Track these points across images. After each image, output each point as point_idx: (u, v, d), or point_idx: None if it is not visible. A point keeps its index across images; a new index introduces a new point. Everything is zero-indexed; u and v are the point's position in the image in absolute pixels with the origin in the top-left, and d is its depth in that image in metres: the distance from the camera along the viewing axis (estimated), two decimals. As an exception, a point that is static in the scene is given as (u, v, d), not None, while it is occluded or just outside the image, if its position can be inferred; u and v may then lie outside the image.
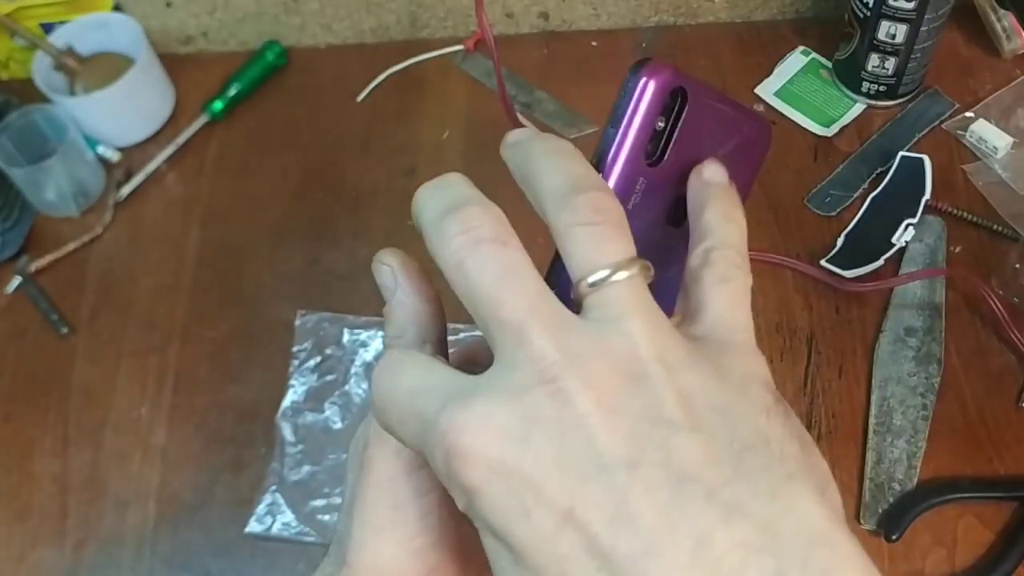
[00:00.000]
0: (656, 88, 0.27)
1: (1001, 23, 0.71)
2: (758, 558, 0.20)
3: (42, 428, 0.62)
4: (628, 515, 0.20)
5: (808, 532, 0.21)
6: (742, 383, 0.24)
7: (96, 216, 0.71)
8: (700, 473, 0.21)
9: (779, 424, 0.23)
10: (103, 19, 0.74)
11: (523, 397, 0.22)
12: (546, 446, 0.21)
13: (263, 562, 0.56)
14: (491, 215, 0.24)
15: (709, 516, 0.20)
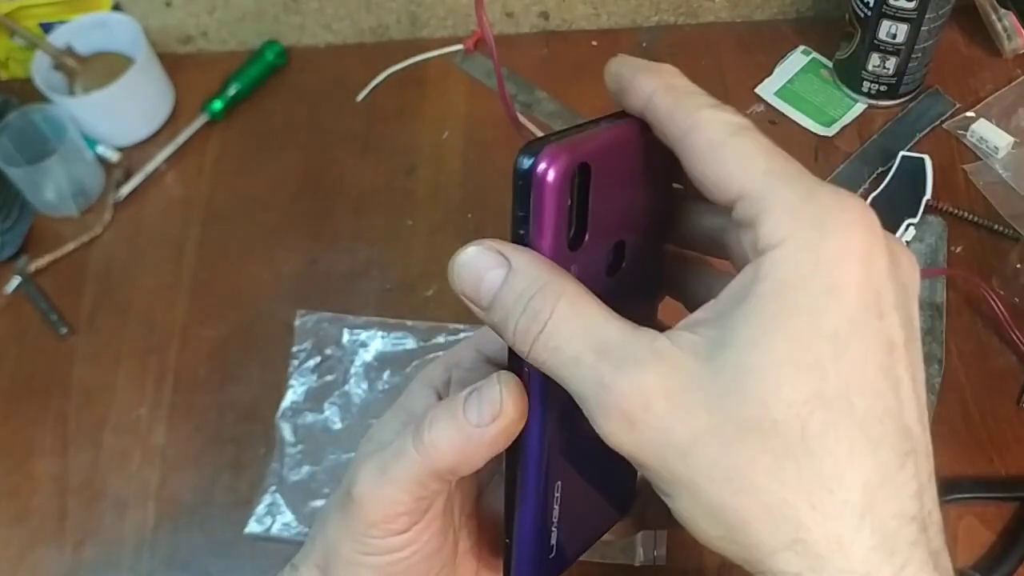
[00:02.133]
0: (557, 179, 0.24)
1: (1002, 23, 0.71)
2: None
3: (41, 428, 0.62)
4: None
5: None
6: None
7: (95, 216, 0.71)
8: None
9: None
10: (102, 19, 0.74)
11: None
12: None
13: (263, 562, 0.56)
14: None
15: None
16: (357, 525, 0.30)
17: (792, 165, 0.25)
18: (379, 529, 0.30)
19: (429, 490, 0.29)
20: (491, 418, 0.27)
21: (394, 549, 0.30)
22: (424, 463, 0.29)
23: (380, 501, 0.29)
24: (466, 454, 0.28)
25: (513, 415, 0.27)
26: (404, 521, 0.30)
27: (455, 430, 0.28)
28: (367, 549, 0.30)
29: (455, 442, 0.28)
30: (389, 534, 0.30)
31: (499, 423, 0.27)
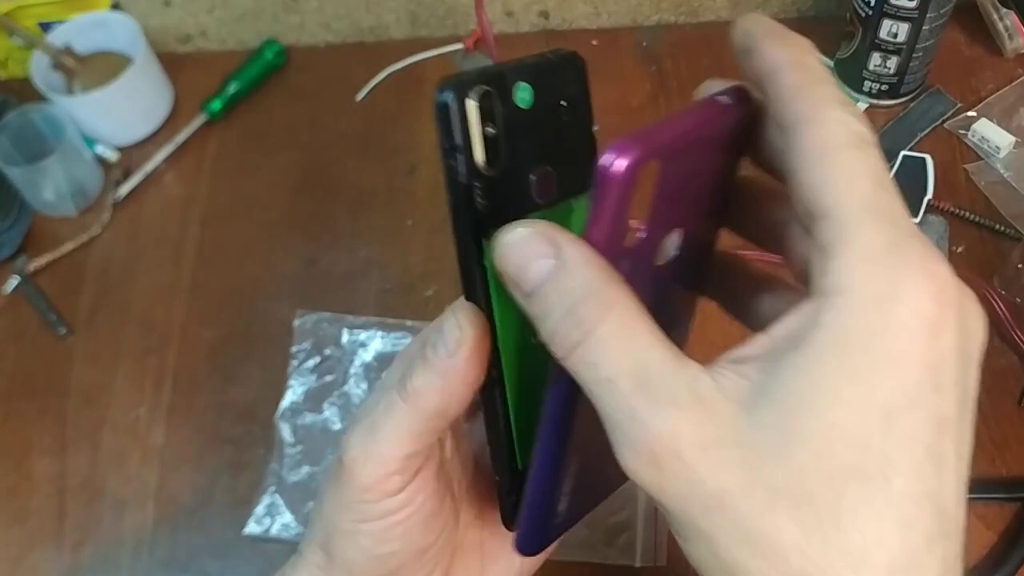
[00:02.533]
0: (625, 176, 0.24)
1: (1003, 22, 0.71)
2: None
3: (40, 429, 0.62)
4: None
5: None
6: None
7: (94, 216, 0.71)
8: None
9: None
10: (101, 18, 0.74)
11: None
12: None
13: (262, 563, 0.56)
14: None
15: None
16: (351, 492, 0.30)
17: (894, 203, 0.23)
18: (373, 492, 0.30)
19: (420, 442, 0.30)
20: (456, 345, 0.28)
21: (389, 512, 0.31)
22: (411, 411, 0.29)
23: (371, 461, 0.30)
24: (447, 391, 0.28)
25: (474, 335, 0.28)
26: (396, 481, 0.30)
27: (431, 370, 0.29)
28: (363, 515, 0.31)
29: (434, 381, 0.28)
30: (383, 496, 0.30)
31: (464, 348, 0.28)
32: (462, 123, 0.28)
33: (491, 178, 0.28)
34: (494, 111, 0.28)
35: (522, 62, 0.29)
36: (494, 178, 0.28)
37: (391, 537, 0.31)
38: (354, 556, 0.32)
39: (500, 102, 0.28)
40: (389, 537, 0.31)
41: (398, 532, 0.31)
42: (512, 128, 0.29)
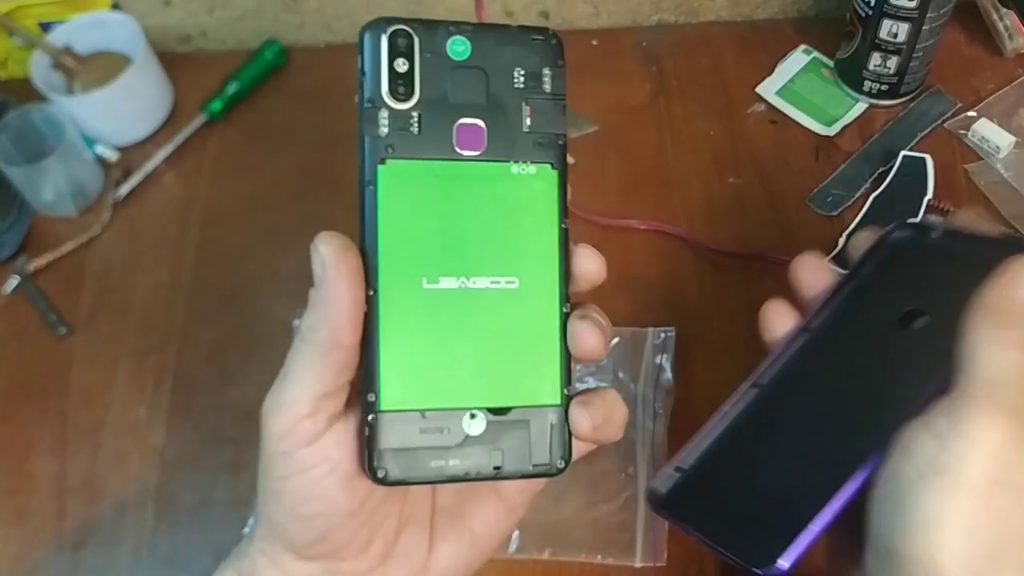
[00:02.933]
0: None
1: (1003, 22, 0.71)
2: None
3: (40, 429, 0.62)
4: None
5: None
6: None
7: (94, 216, 0.71)
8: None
9: None
10: (101, 18, 0.74)
11: None
12: None
13: (262, 564, 0.56)
14: None
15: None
16: (269, 444, 0.31)
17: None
18: (287, 439, 0.31)
19: (326, 380, 0.31)
20: (321, 270, 0.30)
21: (307, 466, 0.31)
22: (309, 349, 0.31)
23: (282, 407, 0.31)
24: (331, 317, 0.30)
25: (333, 255, 0.30)
26: (308, 426, 0.31)
27: (312, 305, 0.31)
28: (282, 471, 0.31)
29: (317, 313, 0.31)
30: (298, 444, 0.31)
31: (329, 270, 0.30)
32: (372, 52, 0.31)
33: (399, 111, 0.31)
34: (411, 51, 0.31)
35: (478, 24, 0.32)
36: (402, 112, 0.31)
37: (312, 495, 0.31)
38: (282, 518, 0.32)
39: (424, 45, 0.31)
40: (310, 495, 0.31)
41: (319, 490, 0.31)
42: (434, 73, 0.31)
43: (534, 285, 0.32)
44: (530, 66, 0.32)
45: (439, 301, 0.31)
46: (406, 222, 0.31)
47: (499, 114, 0.32)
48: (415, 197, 0.31)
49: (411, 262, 0.31)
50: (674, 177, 0.68)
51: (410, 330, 0.31)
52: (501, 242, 0.32)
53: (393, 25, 0.31)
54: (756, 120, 0.71)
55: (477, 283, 0.32)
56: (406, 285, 0.31)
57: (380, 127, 0.31)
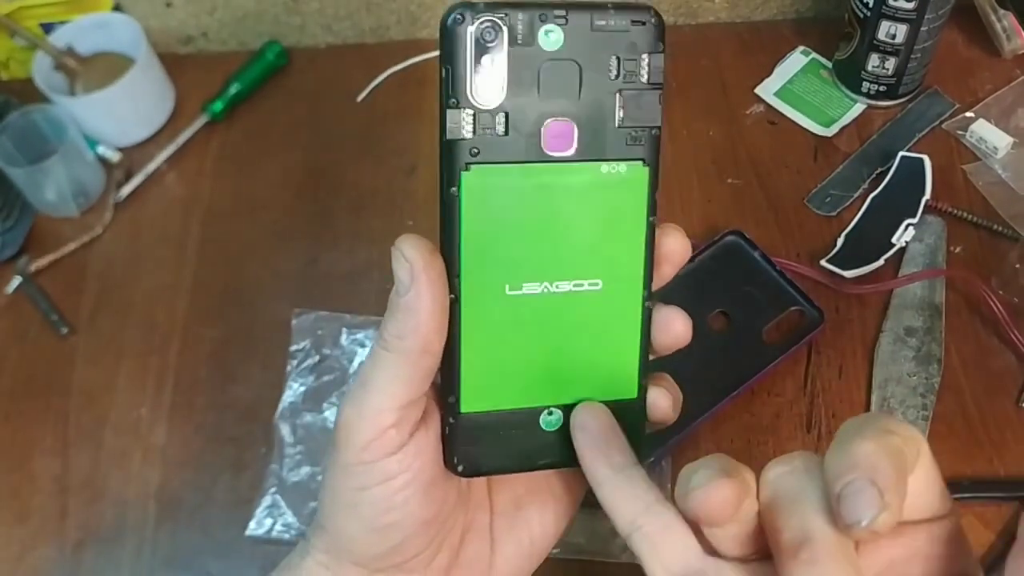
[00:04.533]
0: None
1: (1001, 23, 0.71)
2: None
3: (42, 428, 0.62)
4: None
5: None
6: None
7: (96, 216, 0.71)
8: None
9: None
10: (103, 19, 0.75)
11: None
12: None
13: (263, 563, 0.56)
14: None
15: None
16: (349, 454, 0.30)
17: None
18: (371, 450, 0.30)
19: (411, 389, 0.30)
20: (408, 276, 0.29)
21: (388, 476, 0.30)
22: (395, 357, 0.30)
23: (366, 417, 0.30)
24: (419, 323, 0.29)
25: (421, 259, 0.29)
26: (393, 436, 0.30)
27: (398, 311, 0.29)
28: (363, 481, 0.31)
29: (405, 320, 0.29)
30: (381, 454, 0.30)
31: (418, 275, 0.29)
32: (457, 48, 0.28)
33: (484, 112, 0.28)
34: (501, 45, 0.28)
35: (571, 5, 0.28)
36: (488, 113, 0.28)
37: (392, 505, 0.31)
38: (356, 530, 0.32)
39: (514, 37, 0.28)
40: (390, 505, 0.31)
41: (399, 499, 0.31)
42: (524, 68, 0.28)
43: (618, 284, 0.31)
44: (627, 53, 0.29)
45: (521, 306, 0.30)
46: (490, 227, 0.29)
47: (591, 110, 0.29)
48: (499, 202, 0.29)
49: (494, 268, 0.30)
50: (673, 178, 0.68)
51: (492, 334, 0.30)
52: (586, 244, 0.30)
53: (480, 15, 0.27)
54: (755, 121, 0.71)
55: (560, 287, 0.30)
56: (489, 291, 0.30)
57: (464, 129, 0.28)
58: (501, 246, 0.29)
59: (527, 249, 0.30)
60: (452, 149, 0.28)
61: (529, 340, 0.31)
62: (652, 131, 0.30)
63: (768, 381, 0.59)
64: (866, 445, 0.24)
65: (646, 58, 0.29)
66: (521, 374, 0.31)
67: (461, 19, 0.27)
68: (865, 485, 0.23)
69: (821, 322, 0.59)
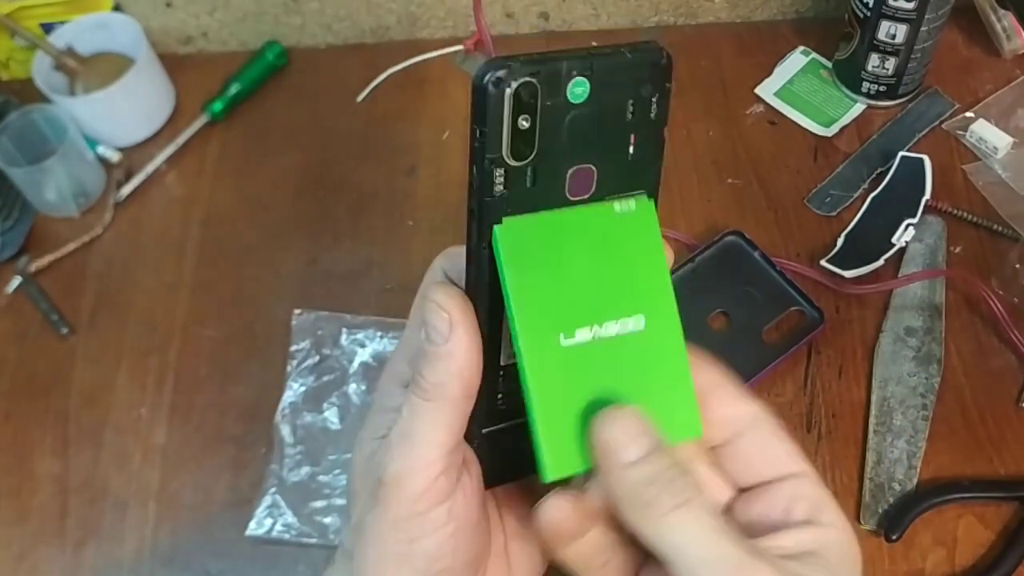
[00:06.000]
0: None
1: (1001, 23, 0.71)
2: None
3: (42, 428, 0.62)
4: None
5: None
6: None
7: (96, 216, 0.71)
8: None
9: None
10: (103, 19, 0.75)
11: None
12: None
13: (263, 563, 0.56)
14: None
15: None
16: (401, 508, 0.30)
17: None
18: (423, 501, 0.30)
19: (455, 435, 0.30)
20: (447, 325, 0.29)
21: (441, 524, 0.30)
22: (438, 405, 0.30)
23: (416, 469, 0.30)
24: (460, 369, 0.29)
25: (458, 307, 0.29)
26: (443, 484, 0.30)
27: (438, 359, 0.29)
28: (415, 534, 0.30)
29: (446, 367, 0.29)
30: (434, 504, 0.30)
31: (457, 323, 0.29)
32: (494, 110, 0.27)
33: (516, 168, 0.28)
34: (535, 103, 0.28)
35: (591, 52, 0.28)
36: (519, 168, 0.28)
37: (445, 552, 0.30)
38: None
39: (546, 94, 0.28)
40: (443, 552, 0.30)
41: (450, 547, 0.30)
42: (554, 122, 0.28)
43: (658, 319, 0.30)
44: (642, 94, 0.29)
45: (576, 355, 0.30)
46: (529, 278, 0.29)
47: (609, 152, 0.29)
48: (531, 252, 0.29)
49: (547, 320, 0.29)
50: (673, 178, 0.68)
51: (557, 387, 0.30)
52: (620, 282, 0.30)
53: (518, 78, 0.27)
54: (755, 121, 0.71)
55: (608, 329, 0.30)
56: (545, 342, 0.29)
57: (496, 186, 0.28)
58: (546, 295, 0.29)
59: (571, 295, 0.29)
60: (486, 207, 0.29)
61: (591, 388, 0.30)
62: (655, 164, 0.30)
63: (768, 381, 0.59)
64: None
65: (656, 97, 0.29)
66: (585, 424, 0.30)
67: (499, 81, 0.27)
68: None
69: (821, 322, 0.59)
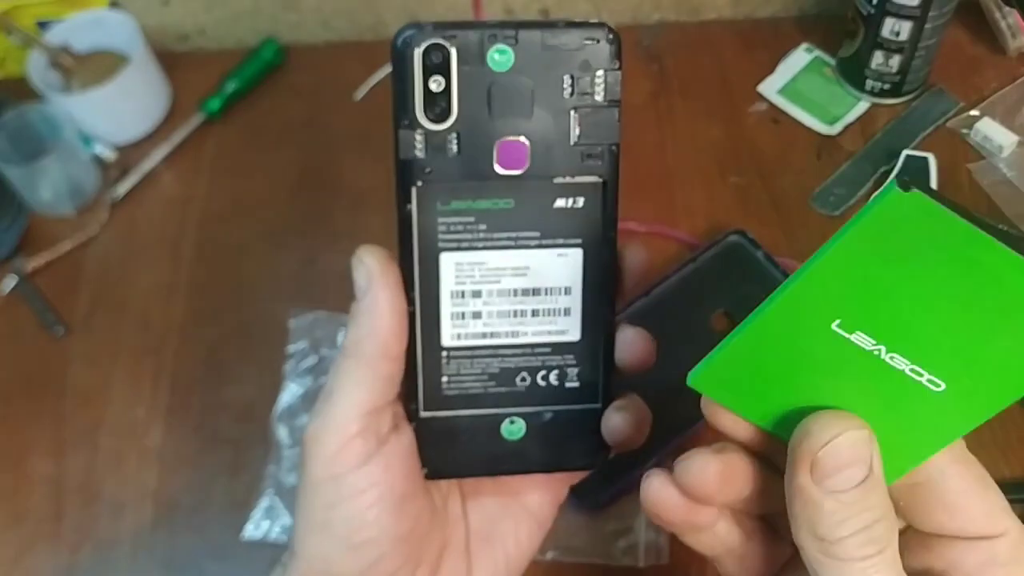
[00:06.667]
0: None
1: (1006, 20, 0.70)
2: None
3: (37, 430, 0.62)
4: None
5: None
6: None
7: (92, 215, 0.70)
8: None
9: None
10: (99, 16, 0.74)
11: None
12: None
13: (260, 565, 0.56)
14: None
15: None
16: (317, 469, 0.30)
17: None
18: (337, 462, 0.30)
19: (374, 395, 0.30)
20: (366, 280, 0.30)
21: (359, 491, 0.30)
22: (355, 363, 0.30)
23: (330, 428, 0.30)
24: (377, 327, 0.30)
25: (377, 264, 0.30)
26: (359, 446, 0.30)
27: (356, 315, 0.30)
28: (331, 498, 0.30)
29: (363, 324, 0.30)
30: (350, 466, 0.30)
31: (374, 278, 0.30)
32: (403, 69, 0.28)
33: (435, 132, 0.29)
34: (447, 65, 0.28)
35: (521, 23, 0.29)
36: (439, 133, 0.29)
37: (365, 521, 0.30)
38: (330, 549, 0.31)
39: (462, 58, 0.28)
40: (363, 522, 0.30)
41: (371, 515, 0.30)
42: (474, 89, 0.29)
43: (965, 399, 0.28)
44: (581, 70, 0.30)
45: (835, 344, 0.27)
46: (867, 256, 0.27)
47: (544, 128, 0.30)
48: (896, 237, 0.26)
49: (840, 300, 0.27)
50: (675, 177, 0.68)
51: (783, 341, 0.28)
52: (962, 338, 0.27)
53: (428, 39, 0.28)
54: (758, 119, 0.70)
55: (897, 362, 0.27)
56: (815, 308, 0.27)
57: (416, 149, 0.29)
58: (867, 288, 0.28)
59: (892, 306, 0.27)
60: (405, 169, 0.29)
61: (815, 374, 0.28)
62: (611, 148, 0.30)
63: (771, 382, 0.58)
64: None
65: (601, 75, 0.30)
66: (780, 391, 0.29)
67: (409, 40, 0.28)
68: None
69: None
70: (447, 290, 0.31)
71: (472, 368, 0.32)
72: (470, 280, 0.31)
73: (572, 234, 0.31)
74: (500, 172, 0.30)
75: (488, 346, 0.32)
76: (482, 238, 0.30)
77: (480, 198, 0.30)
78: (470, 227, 0.30)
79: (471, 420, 0.32)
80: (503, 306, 0.31)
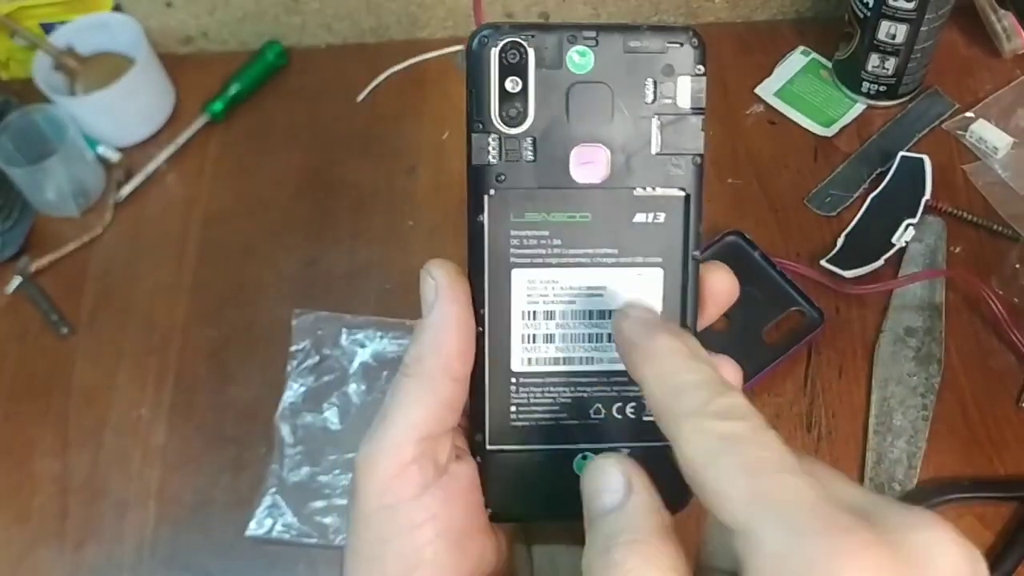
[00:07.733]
0: None
1: (1001, 23, 0.71)
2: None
3: (42, 428, 0.62)
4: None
5: None
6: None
7: (96, 216, 0.71)
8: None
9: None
10: (103, 19, 0.75)
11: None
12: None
13: (263, 563, 0.56)
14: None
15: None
16: (369, 499, 0.27)
17: (789, 485, 0.21)
18: (392, 491, 0.27)
19: (432, 418, 0.27)
20: (433, 294, 0.28)
21: (413, 524, 0.27)
22: (416, 382, 0.28)
23: (383, 452, 0.27)
24: (441, 343, 0.28)
25: (446, 278, 0.28)
26: (415, 473, 0.27)
27: (421, 331, 0.28)
28: (385, 531, 0.27)
29: (426, 340, 0.28)
30: (403, 497, 0.27)
31: (442, 292, 0.28)
32: (479, 69, 0.27)
33: (510, 136, 0.28)
34: (524, 66, 0.27)
35: (604, 25, 0.27)
36: (514, 137, 0.28)
37: (422, 560, 0.27)
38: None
39: (540, 59, 0.27)
40: (420, 559, 0.27)
41: (429, 553, 0.27)
42: (551, 92, 0.27)
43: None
44: (664, 75, 0.28)
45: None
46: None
47: (626, 136, 0.28)
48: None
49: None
50: (673, 178, 0.68)
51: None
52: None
53: (504, 37, 0.27)
54: (755, 121, 0.71)
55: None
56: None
57: (489, 154, 0.28)
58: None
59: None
60: (477, 176, 0.28)
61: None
62: (694, 158, 0.29)
63: (768, 381, 0.59)
64: None
65: (685, 81, 0.28)
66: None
67: (486, 40, 0.27)
68: None
69: (821, 322, 0.59)
70: (518, 310, 0.29)
71: (543, 397, 0.29)
72: (543, 300, 0.29)
73: (652, 252, 0.29)
74: (578, 181, 0.28)
75: (561, 372, 0.29)
76: (556, 254, 0.28)
77: (556, 211, 0.28)
78: (544, 242, 0.28)
79: (541, 456, 0.29)
80: (578, 329, 0.29)
